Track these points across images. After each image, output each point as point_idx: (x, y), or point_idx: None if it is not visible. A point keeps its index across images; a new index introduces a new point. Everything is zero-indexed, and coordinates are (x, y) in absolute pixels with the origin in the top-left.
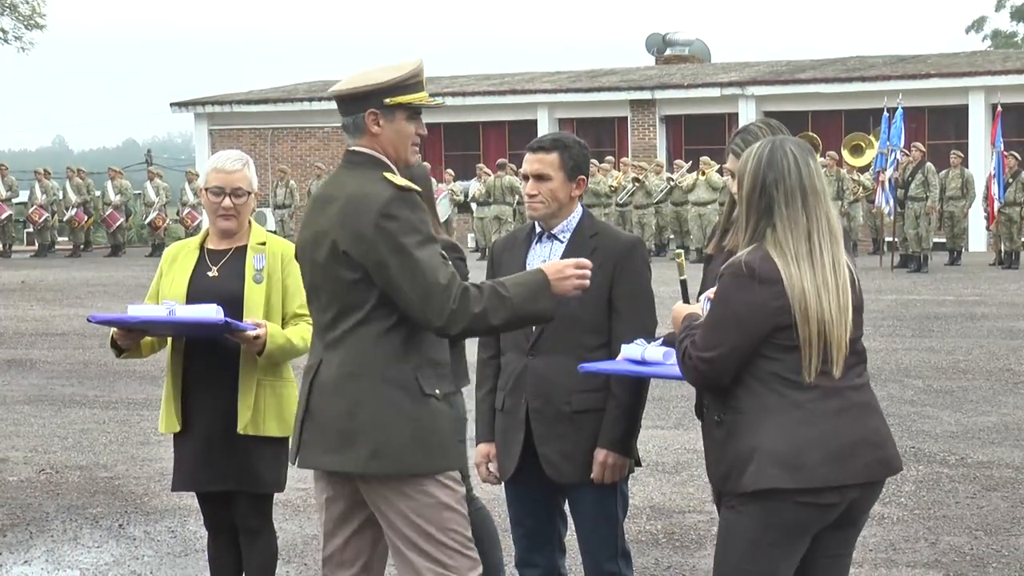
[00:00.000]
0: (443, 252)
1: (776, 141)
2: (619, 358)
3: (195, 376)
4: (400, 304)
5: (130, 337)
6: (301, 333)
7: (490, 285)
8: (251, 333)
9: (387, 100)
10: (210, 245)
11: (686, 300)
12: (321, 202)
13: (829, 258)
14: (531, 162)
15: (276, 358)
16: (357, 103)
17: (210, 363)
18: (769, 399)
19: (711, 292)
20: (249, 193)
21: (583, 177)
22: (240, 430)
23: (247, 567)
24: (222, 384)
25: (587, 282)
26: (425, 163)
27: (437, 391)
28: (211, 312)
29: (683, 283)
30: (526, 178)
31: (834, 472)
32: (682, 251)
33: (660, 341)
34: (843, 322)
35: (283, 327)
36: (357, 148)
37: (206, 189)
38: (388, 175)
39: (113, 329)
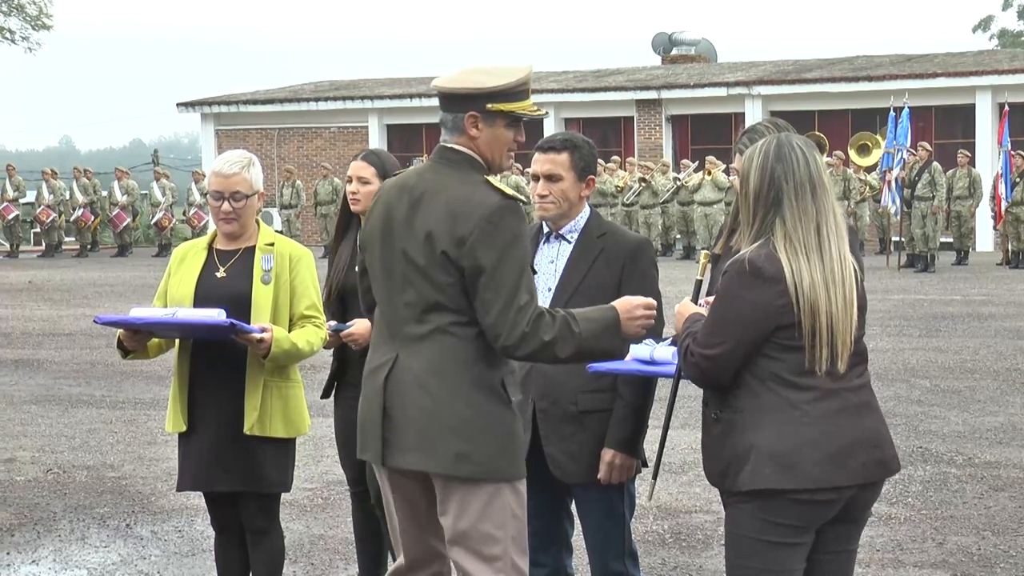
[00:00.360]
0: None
1: (781, 136)
2: (628, 358)
3: (201, 376)
4: (478, 313)
5: (136, 339)
6: (307, 337)
7: (563, 316)
8: (256, 336)
9: (489, 105)
10: (219, 245)
11: (695, 300)
12: (412, 195)
13: (837, 252)
14: (542, 162)
15: (280, 362)
16: (458, 102)
17: (217, 364)
18: (767, 399)
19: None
20: (249, 195)
21: (592, 177)
22: (247, 431)
23: (254, 567)
24: (228, 385)
25: (652, 322)
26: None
27: (514, 398)
28: (215, 314)
29: (698, 283)
30: (536, 178)
31: (830, 473)
32: (708, 252)
33: (669, 341)
34: (848, 316)
35: (290, 328)
36: (454, 146)
37: (205, 195)
38: (491, 180)
39: (120, 330)
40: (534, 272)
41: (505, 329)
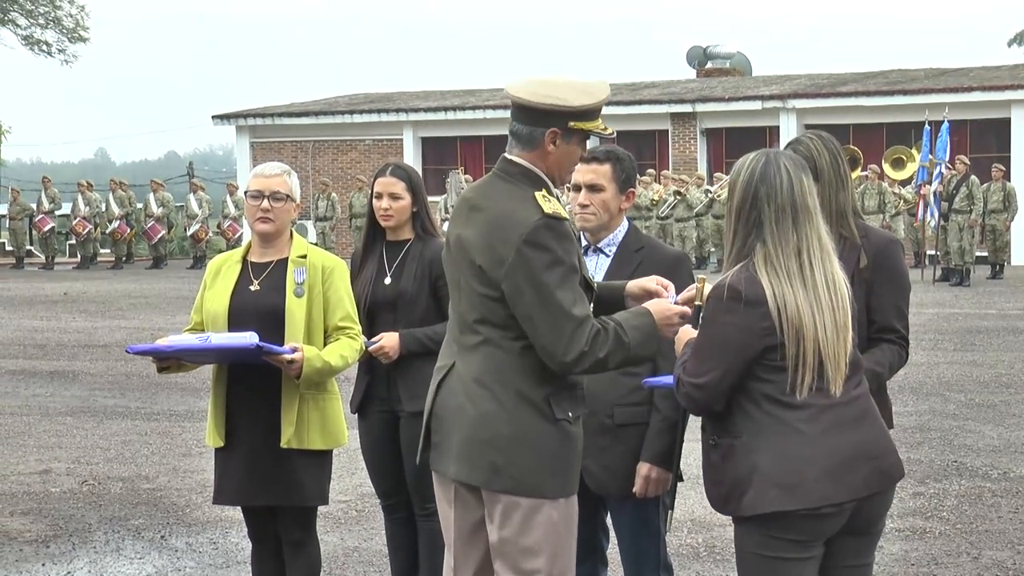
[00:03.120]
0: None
1: (770, 154)
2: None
3: (238, 391)
4: (528, 333)
5: (164, 364)
6: (341, 351)
7: (613, 328)
8: (287, 357)
9: (571, 123)
10: (252, 258)
11: (696, 326)
12: (468, 207)
13: (821, 276)
14: (584, 172)
15: (314, 380)
16: (540, 117)
17: (253, 378)
18: (763, 421)
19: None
20: (287, 198)
21: (632, 190)
22: (283, 444)
23: None
24: (265, 399)
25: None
26: (468, 175)
27: (570, 414)
28: (246, 338)
29: (697, 308)
30: (577, 188)
31: (832, 490)
32: (704, 277)
33: None
34: (841, 340)
35: (325, 340)
36: (516, 159)
37: (246, 193)
38: (540, 196)
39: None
40: (589, 285)
41: (561, 348)
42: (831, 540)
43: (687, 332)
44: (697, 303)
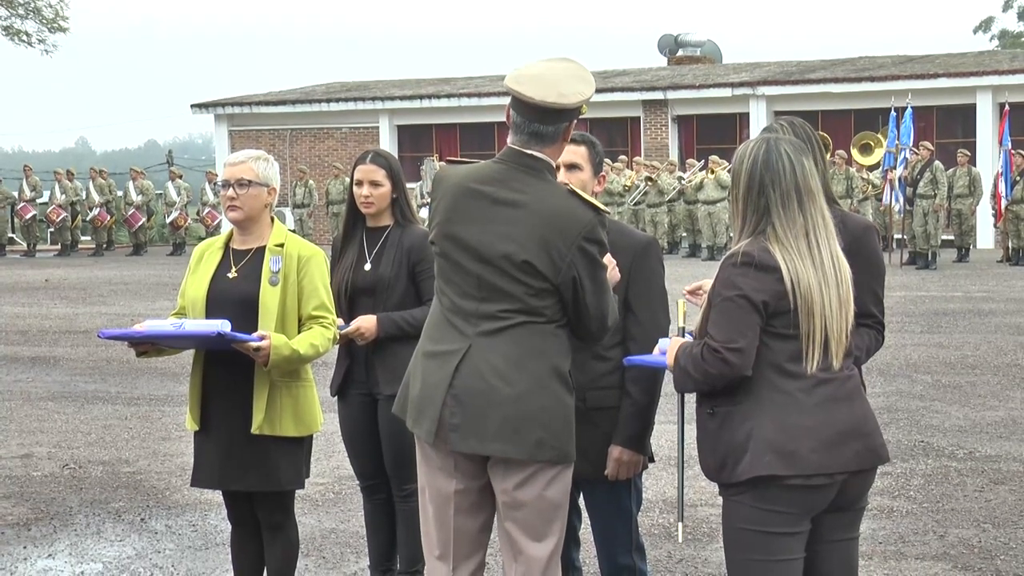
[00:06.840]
0: None
1: (771, 141)
2: (655, 352)
3: (214, 377)
4: (573, 318)
5: (141, 348)
6: (311, 340)
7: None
8: (252, 344)
9: (581, 113)
10: (234, 245)
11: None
12: (493, 199)
13: (828, 253)
14: (564, 152)
15: (282, 368)
16: (567, 115)
17: (228, 364)
18: (763, 388)
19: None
20: (252, 183)
21: (603, 175)
22: (254, 430)
23: (269, 560)
24: (239, 385)
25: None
26: (442, 163)
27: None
28: (217, 325)
29: (681, 331)
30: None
31: (825, 459)
32: (683, 300)
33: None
34: (844, 316)
35: (299, 329)
36: (538, 154)
37: (218, 184)
38: (576, 191)
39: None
40: None
41: (603, 331)
42: (817, 517)
43: (678, 340)
44: (680, 325)
